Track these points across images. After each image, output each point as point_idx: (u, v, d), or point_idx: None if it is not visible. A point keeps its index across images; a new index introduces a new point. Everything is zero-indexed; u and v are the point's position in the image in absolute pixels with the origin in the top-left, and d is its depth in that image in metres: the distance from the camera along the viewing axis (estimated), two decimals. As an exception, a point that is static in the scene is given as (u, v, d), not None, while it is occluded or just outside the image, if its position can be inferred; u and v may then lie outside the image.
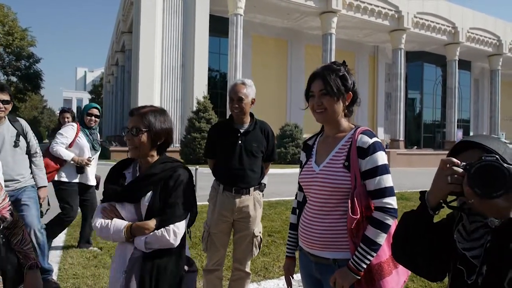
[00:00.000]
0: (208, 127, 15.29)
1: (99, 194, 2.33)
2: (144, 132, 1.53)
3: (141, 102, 17.48)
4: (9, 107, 2.78)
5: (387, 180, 1.39)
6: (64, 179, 3.67)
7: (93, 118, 3.85)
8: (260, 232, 2.61)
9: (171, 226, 1.50)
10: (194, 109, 16.58)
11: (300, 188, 1.63)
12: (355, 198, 1.36)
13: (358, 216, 1.34)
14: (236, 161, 2.48)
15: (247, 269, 2.60)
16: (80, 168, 3.71)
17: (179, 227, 1.51)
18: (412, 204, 7.15)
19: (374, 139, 1.41)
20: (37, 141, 3.09)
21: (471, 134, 32.90)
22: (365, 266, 1.33)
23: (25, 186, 2.90)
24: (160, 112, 1.61)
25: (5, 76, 27.47)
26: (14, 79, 28.23)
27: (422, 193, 0.98)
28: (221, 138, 2.57)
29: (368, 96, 28.13)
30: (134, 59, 19.91)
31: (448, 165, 0.87)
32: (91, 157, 3.77)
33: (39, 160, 3.08)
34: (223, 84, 22.04)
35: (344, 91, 1.45)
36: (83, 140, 3.74)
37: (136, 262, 1.50)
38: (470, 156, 0.90)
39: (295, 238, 1.66)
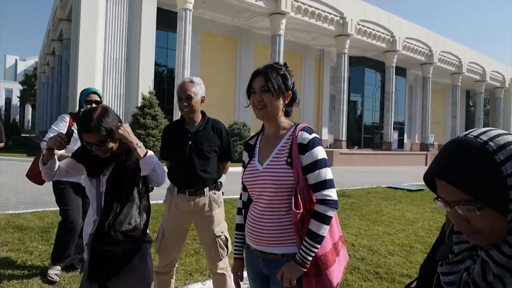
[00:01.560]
0: (154, 124, 14.78)
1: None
2: (108, 141, 1.70)
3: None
4: None
5: (326, 173, 1.42)
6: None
7: (93, 105, 3.13)
8: (222, 232, 2.52)
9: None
10: (139, 104, 15.92)
11: (244, 188, 1.63)
12: (298, 193, 1.39)
13: (301, 210, 1.37)
14: (187, 163, 2.41)
15: (220, 271, 2.51)
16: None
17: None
18: (351, 201, 7.54)
19: (313, 135, 1.46)
20: None
21: (405, 135, 35.62)
22: (311, 258, 1.36)
23: None
24: (105, 112, 1.71)
25: None
26: None
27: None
28: (172, 139, 2.50)
29: (314, 97, 29.16)
30: (73, 50, 18.59)
31: None
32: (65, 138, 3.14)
33: None
34: (171, 80, 21.44)
35: (284, 89, 1.49)
36: (76, 133, 3.17)
37: (92, 236, 1.73)
38: (446, 190, 0.72)
39: (242, 238, 1.65)
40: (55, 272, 3.14)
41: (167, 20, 19.87)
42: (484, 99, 42.73)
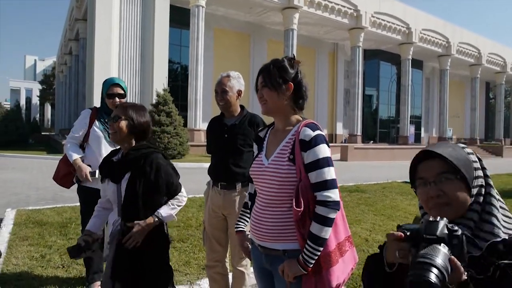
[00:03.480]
0: (168, 121, 14.91)
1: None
2: (122, 120, 1.81)
3: (96, 94, 16.69)
4: None
5: (328, 173, 1.39)
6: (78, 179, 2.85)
7: (116, 99, 2.79)
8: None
9: (177, 197, 1.89)
10: (154, 101, 16.10)
11: (251, 180, 1.64)
12: (299, 191, 1.38)
13: (302, 209, 1.36)
14: (220, 156, 2.45)
15: (240, 267, 2.52)
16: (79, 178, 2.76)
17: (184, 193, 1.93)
18: (366, 196, 7.45)
19: (317, 132, 1.43)
20: None
21: (422, 129, 34.97)
22: (313, 261, 1.36)
23: None
24: (140, 107, 1.92)
25: None
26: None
27: (381, 247, 0.96)
28: (211, 133, 2.58)
29: (328, 92, 28.88)
30: (89, 49, 18.93)
31: (393, 240, 0.84)
32: (90, 175, 2.72)
33: None
34: (185, 77, 21.59)
35: (282, 82, 1.46)
36: (98, 130, 2.83)
37: (116, 235, 1.80)
38: (431, 167, 0.93)
39: (245, 214, 1.74)
40: None
41: (180, 18, 19.99)
42: (505, 90, 41.47)
